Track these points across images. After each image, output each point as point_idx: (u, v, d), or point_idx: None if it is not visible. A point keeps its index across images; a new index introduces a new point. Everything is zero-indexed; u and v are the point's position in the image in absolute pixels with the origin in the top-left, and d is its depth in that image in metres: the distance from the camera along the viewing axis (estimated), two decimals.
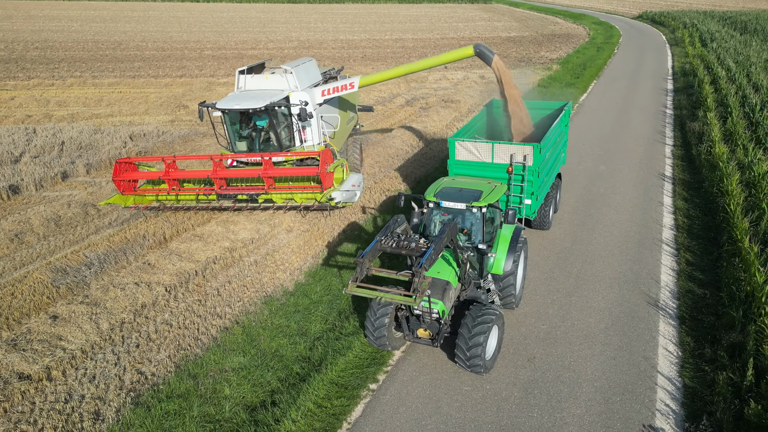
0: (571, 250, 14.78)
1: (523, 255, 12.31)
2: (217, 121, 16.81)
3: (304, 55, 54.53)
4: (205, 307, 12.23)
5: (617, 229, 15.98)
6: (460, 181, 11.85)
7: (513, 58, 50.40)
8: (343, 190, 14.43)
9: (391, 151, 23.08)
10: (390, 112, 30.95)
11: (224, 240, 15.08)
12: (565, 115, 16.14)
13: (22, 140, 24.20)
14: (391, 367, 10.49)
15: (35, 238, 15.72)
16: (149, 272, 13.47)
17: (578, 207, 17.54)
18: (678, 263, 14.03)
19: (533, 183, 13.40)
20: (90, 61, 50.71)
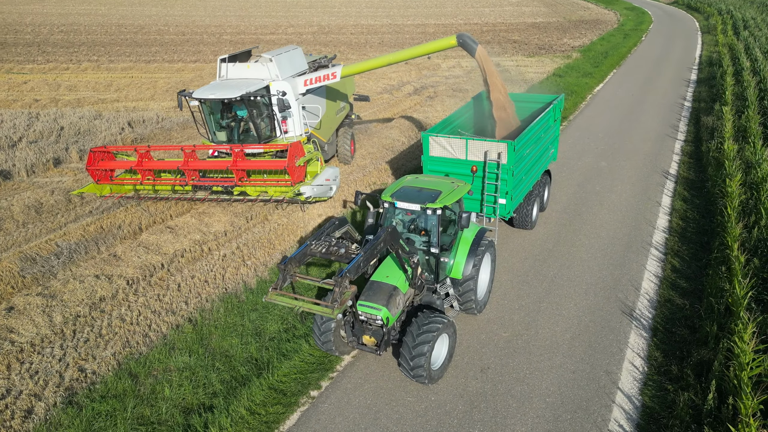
0: (551, 252, 14.11)
1: (489, 258, 11.75)
2: (197, 111, 16.55)
3: (323, 40, 54.05)
4: (162, 302, 12.03)
5: (606, 230, 15.20)
6: (423, 180, 11.31)
7: (533, 45, 48.97)
8: (315, 185, 14.02)
9: (387, 143, 22.55)
10: (395, 100, 30.32)
11: (196, 232, 14.87)
12: (553, 109, 15.34)
13: (23, 124, 24.45)
14: (337, 374, 10.11)
15: (14, 226, 15.77)
16: (114, 264, 13.35)
17: (569, 206, 16.77)
18: (663, 269, 13.24)
19: (508, 182, 12.75)
20: (109, 45, 51.23)
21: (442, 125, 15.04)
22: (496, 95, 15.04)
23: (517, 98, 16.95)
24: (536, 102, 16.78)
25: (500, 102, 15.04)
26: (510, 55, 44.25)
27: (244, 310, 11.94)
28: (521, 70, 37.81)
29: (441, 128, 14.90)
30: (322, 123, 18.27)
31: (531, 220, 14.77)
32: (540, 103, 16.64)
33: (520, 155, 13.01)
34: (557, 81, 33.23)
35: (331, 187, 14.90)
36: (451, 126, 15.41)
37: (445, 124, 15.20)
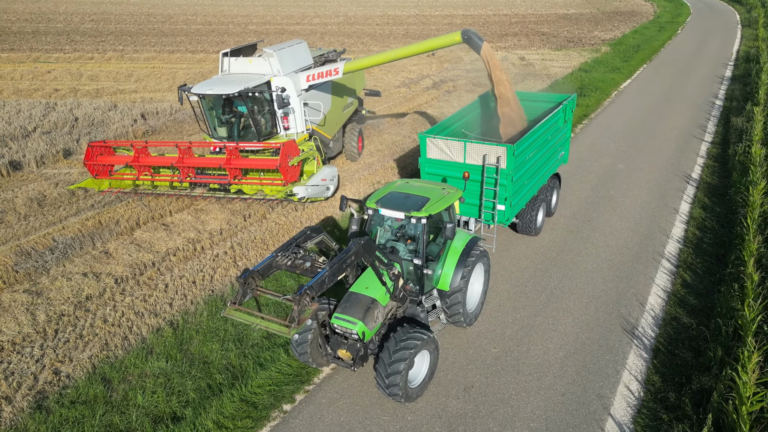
0: (554, 261, 13.43)
1: (481, 268, 11.18)
2: (197, 106, 16.30)
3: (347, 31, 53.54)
4: (147, 303, 11.83)
5: (615, 239, 14.42)
6: (413, 185, 10.78)
7: (562, 38, 47.55)
8: (309, 185, 13.62)
9: (397, 139, 22.00)
10: (412, 95, 29.69)
11: (191, 230, 14.66)
12: (563, 109, 14.56)
13: (39, 114, 24.69)
14: (313, 387, 9.73)
15: (15, 218, 15.83)
16: (104, 262, 13.22)
17: (579, 211, 16.00)
18: (673, 284, 12.45)
19: (507, 188, 12.11)
20: (136, 35, 51.72)
21: (445, 124, 14.44)
22: (502, 101, 14.33)
23: (526, 97, 16.22)
24: (546, 101, 16.01)
25: (506, 102, 14.35)
26: (536, 49, 43.04)
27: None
28: (546, 64, 36.69)
29: (444, 128, 14.32)
30: (327, 119, 17.85)
31: (535, 226, 14.10)
32: (550, 102, 15.86)
33: (522, 160, 12.35)
34: (581, 76, 32.08)
35: (328, 187, 14.50)
36: (454, 126, 14.80)
37: (449, 123, 14.59)
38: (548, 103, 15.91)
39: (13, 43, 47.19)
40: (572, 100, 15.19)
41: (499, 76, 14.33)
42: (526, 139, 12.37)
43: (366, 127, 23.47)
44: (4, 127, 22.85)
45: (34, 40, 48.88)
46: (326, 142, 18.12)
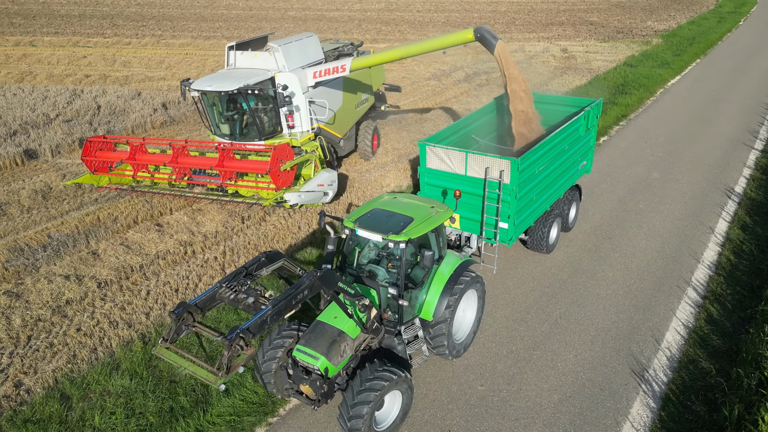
0: (564, 284, 12.25)
1: (474, 295, 10.17)
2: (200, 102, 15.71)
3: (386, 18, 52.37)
4: (125, 312, 11.37)
5: (637, 260, 13.08)
6: (400, 201, 9.84)
7: (611, 29, 45.03)
8: (303, 191, 12.83)
9: (417, 137, 20.89)
10: (442, 88, 28.45)
11: (184, 232, 14.16)
12: (585, 116, 13.22)
13: (64, 102, 24.80)
14: (276, 420, 9.01)
15: (18, 211, 15.72)
16: (90, 264, 12.86)
17: (600, 226, 14.66)
18: (696, 319, 11.11)
19: (510, 205, 10.99)
20: (177, 20, 52.02)
21: (457, 127, 13.35)
22: (516, 104, 13.14)
23: (547, 100, 14.92)
24: (570, 105, 14.65)
25: (521, 108, 13.15)
26: (582, 40, 40.84)
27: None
28: (589, 57, 34.67)
29: (455, 131, 13.23)
30: (337, 117, 17.00)
31: (547, 243, 12.92)
32: (573, 107, 14.50)
33: (529, 174, 11.19)
34: (625, 72, 30.06)
35: (325, 193, 13.68)
36: (466, 129, 13.69)
37: (461, 126, 13.49)
38: (571, 108, 14.56)
39: (59, 27, 48.21)
40: (597, 106, 13.81)
41: (514, 87, 13.11)
42: (535, 152, 11.19)
43: (386, 123, 22.50)
44: (28, 113, 23.02)
45: (78, 24, 49.83)
46: (336, 141, 17.29)
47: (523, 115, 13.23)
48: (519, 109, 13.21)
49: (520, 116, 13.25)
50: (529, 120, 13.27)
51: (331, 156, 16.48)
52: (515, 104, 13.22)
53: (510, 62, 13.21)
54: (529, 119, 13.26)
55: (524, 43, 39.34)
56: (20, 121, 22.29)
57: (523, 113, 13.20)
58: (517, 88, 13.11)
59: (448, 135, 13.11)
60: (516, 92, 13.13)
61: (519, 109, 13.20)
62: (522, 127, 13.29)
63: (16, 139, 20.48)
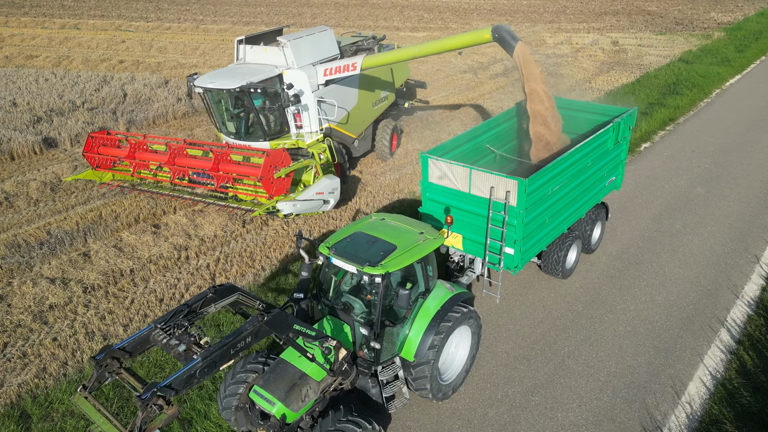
0: (577, 317, 11.02)
1: (467, 332, 9.15)
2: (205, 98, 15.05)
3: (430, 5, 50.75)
4: (105, 321, 10.89)
5: (666, 292, 11.68)
6: (388, 225, 8.87)
7: (669, 20, 42.12)
8: (300, 200, 11.99)
9: (441, 137, 19.70)
10: (477, 83, 27.05)
11: (181, 235, 13.61)
12: (615, 128, 11.79)
13: (92, 89, 24.80)
14: None
15: (25, 203, 15.58)
16: (79, 266, 12.47)
17: (628, 249, 13.25)
18: (727, 368, 9.72)
19: (517, 229, 9.83)
20: (219, 4, 51.95)
21: (468, 137, 12.19)
22: (537, 107, 11.87)
23: (574, 107, 13.52)
24: (599, 114, 13.20)
25: (539, 109, 11.86)
26: (636, 31, 38.31)
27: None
28: (641, 51, 32.38)
29: (465, 141, 12.07)
30: (351, 116, 16.06)
31: (563, 268, 11.69)
32: (604, 116, 13.06)
33: (540, 196, 9.98)
34: (679, 69, 27.81)
35: (326, 201, 12.82)
36: (479, 138, 12.50)
37: (473, 135, 12.33)
38: (600, 117, 13.13)
39: (105, 10, 48.93)
40: (629, 116, 12.34)
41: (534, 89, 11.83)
42: (548, 171, 9.95)
43: (411, 120, 21.41)
44: (55, 100, 23.09)
45: (125, 7, 50.46)
46: (349, 142, 16.38)
47: (541, 117, 11.95)
48: (538, 110, 11.94)
49: (539, 117, 11.97)
50: (547, 122, 11.97)
51: (341, 158, 15.59)
52: (534, 104, 11.95)
53: (531, 63, 11.92)
54: (548, 121, 11.97)
55: (572, 35, 37.20)
56: (46, 107, 22.36)
57: (541, 115, 11.92)
58: (536, 88, 11.82)
59: (461, 143, 11.99)
60: (535, 92, 11.84)
61: (538, 109, 11.93)
62: (541, 128, 11.99)
63: (39, 126, 20.51)
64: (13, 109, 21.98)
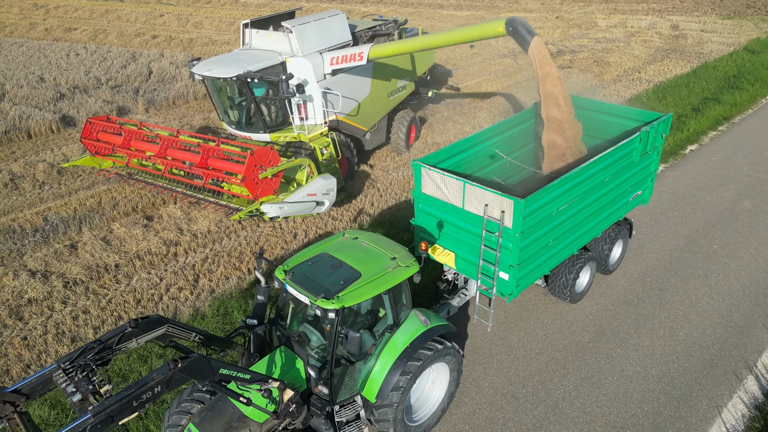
0: (581, 351, 9.84)
1: (444, 369, 8.20)
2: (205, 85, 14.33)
3: None
4: (77, 322, 10.47)
5: (689, 326, 10.31)
6: (359, 246, 7.93)
7: (740, 2, 38.58)
8: (289, 202, 11.16)
9: (467, 129, 18.51)
10: (516, 68, 25.38)
11: (173, 229, 13.09)
12: (642, 138, 10.33)
13: (119, 65, 24.63)
14: None
15: (30, 186, 15.44)
16: (63, 259, 12.12)
17: (653, 271, 11.84)
18: (748, 427, 8.41)
19: (512, 254, 8.70)
20: None
21: (474, 141, 11.02)
22: (552, 112, 10.55)
23: (600, 109, 12.10)
24: (628, 118, 11.69)
25: (557, 122, 10.55)
26: (700, 14, 35.28)
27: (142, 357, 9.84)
28: (703, 37, 29.71)
29: (471, 145, 10.92)
30: (362, 108, 15.05)
31: (572, 292, 10.49)
32: (634, 120, 11.56)
33: (541, 217, 8.79)
34: (742, 59, 25.26)
35: (320, 203, 11.94)
36: (490, 141, 11.30)
37: (481, 138, 11.14)
38: (630, 122, 11.64)
39: None
40: (662, 124, 10.83)
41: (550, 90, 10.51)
42: (552, 189, 8.72)
43: (438, 108, 20.14)
44: (81, 77, 23.01)
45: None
46: (360, 134, 15.41)
47: (557, 123, 10.64)
48: (553, 116, 10.63)
49: (554, 124, 10.67)
50: (563, 130, 10.65)
51: (349, 152, 14.66)
52: (549, 109, 10.65)
53: (548, 62, 10.58)
54: (564, 128, 10.65)
55: (628, 17, 34.58)
56: (71, 84, 22.31)
57: (557, 120, 10.62)
58: (553, 90, 10.50)
59: (467, 147, 10.85)
60: (552, 95, 10.53)
61: (553, 115, 10.62)
62: (556, 135, 10.69)
63: (60, 104, 20.42)
64: (39, 85, 22.01)
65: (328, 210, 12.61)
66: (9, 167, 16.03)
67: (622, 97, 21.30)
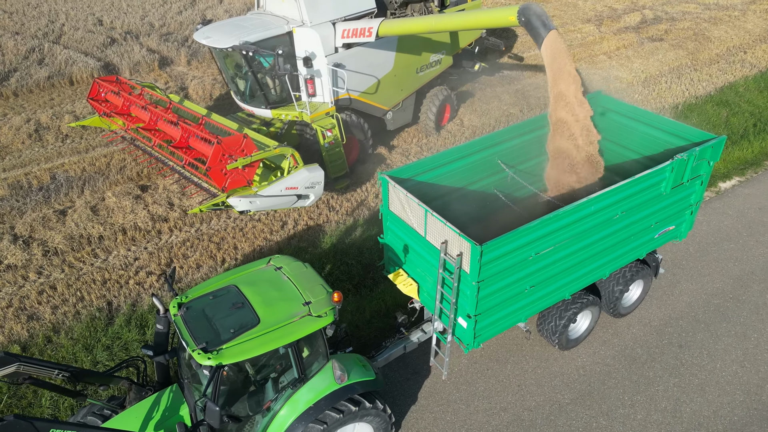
0: (555, 414, 8.36)
1: (368, 428, 7.12)
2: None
3: None
4: (41, 298, 10.33)
5: (700, 402, 8.48)
6: (279, 281, 6.86)
7: None
8: (262, 195, 10.16)
9: (512, 112, 16.48)
10: (597, 37, 22.33)
11: (163, 203, 12.66)
12: (675, 167, 8.22)
13: (175, 10, 24.22)
14: None
15: (53, 138, 15.52)
16: (49, 226, 12.04)
17: (678, 320, 9.88)
18: None
19: (469, 300, 7.28)
20: None
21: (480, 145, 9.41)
22: (562, 114, 8.63)
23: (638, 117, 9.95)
24: (678, 136, 9.44)
25: (565, 116, 8.65)
26: None
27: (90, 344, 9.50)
28: None
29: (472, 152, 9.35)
30: (383, 85, 13.56)
31: (563, 338, 8.95)
32: (683, 139, 9.32)
33: (510, 263, 7.23)
34: None
35: (301, 196, 10.82)
36: (495, 149, 9.62)
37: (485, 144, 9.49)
38: (678, 139, 9.44)
39: None
40: (709, 149, 8.59)
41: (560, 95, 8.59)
42: (526, 232, 7.07)
43: (490, 81, 17.99)
44: (136, 22, 22.83)
45: None
46: (380, 114, 14.02)
47: (565, 128, 8.78)
48: (562, 118, 8.77)
49: (563, 128, 8.82)
50: (575, 137, 8.77)
51: (362, 134, 13.38)
52: (558, 111, 8.78)
53: (564, 60, 8.60)
54: (575, 136, 8.77)
55: None
56: (126, 29, 22.21)
57: (565, 124, 8.75)
58: (565, 90, 8.57)
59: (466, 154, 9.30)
60: (563, 95, 8.59)
61: (562, 117, 8.76)
62: (565, 142, 8.85)
63: (108, 50, 20.36)
64: (95, 29, 22.10)
65: (316, 202, 11.53)
66: (38, 117, 16.20)
67: (714, 84, 18.11)
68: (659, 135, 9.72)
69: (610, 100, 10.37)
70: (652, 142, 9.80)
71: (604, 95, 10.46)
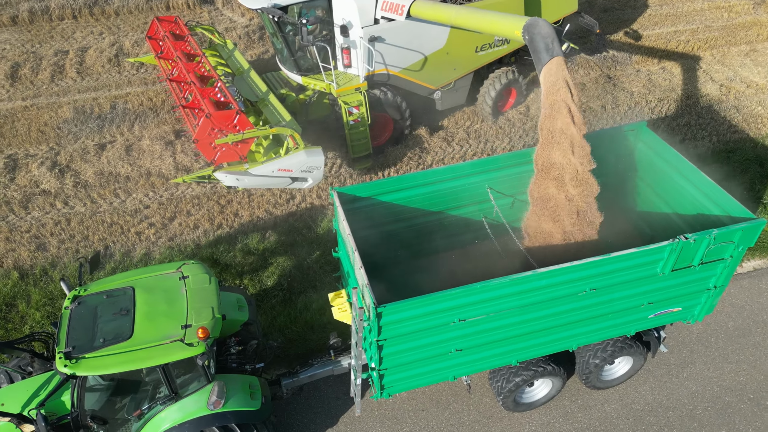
0: None
1: None
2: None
3: None
4: (55, 229, 11.20)
5: None
6: (175, 294, 6.64)
7: None
8: (251, 174, 9.84)
9: (594, 106, 14.39)
10: (749, 19, 18.46)
11: (189, 153, 12.91)
12: (678, 249, 6.54)
13: None
14: None
15: (130, 67, 16.21)
16: (87, 157, 12.83)
17: (674, 408, 8.37)
18: None
19: (373, 356, 6.59)
20: None
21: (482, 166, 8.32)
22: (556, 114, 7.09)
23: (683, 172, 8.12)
24: (711, 200, 7.55)
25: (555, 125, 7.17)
26: None
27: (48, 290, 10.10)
28: None
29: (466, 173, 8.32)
30: (430, 62, 12.32)
31: (506, 402, 8.03)
32: (719, 207, 7.42)
33: (428, 326, 6.39)
34: None
35: (297, 179, 10.33)
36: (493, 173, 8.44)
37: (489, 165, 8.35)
38: (714, 206, 7.58)
39: None
40: (738, 231, 6.73)
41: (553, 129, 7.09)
42: (446, 298, 6.13)
43: (589, 64, 15.75)
44: None
45: None
46: (426, 93, 12.91)
47: (556, 174, 7.36)
48: (555, 163, 7.33)
49: (552, 174, 7.42)
50: (566, 187, 7.34)
51: (398, 113, 12.46)
52: (551, 153, 7.33)
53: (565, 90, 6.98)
54: (566, 186, 7.34)
55: None
56: None
57: (557, 169, 7.32)
58: (558, 100, 7.04)
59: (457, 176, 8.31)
60: (557, 104, 7.07)
61: (555, 162, 7.32)
62: (552, 189, 7.49)
63: None
64: None
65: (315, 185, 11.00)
66: (123, 42, 17.01)
67: None
68: (697, 195, 7.91)
69: (653, 138, 8.53)
70: (688, 200, 8.04)
71: (648, 130, 8.61)
